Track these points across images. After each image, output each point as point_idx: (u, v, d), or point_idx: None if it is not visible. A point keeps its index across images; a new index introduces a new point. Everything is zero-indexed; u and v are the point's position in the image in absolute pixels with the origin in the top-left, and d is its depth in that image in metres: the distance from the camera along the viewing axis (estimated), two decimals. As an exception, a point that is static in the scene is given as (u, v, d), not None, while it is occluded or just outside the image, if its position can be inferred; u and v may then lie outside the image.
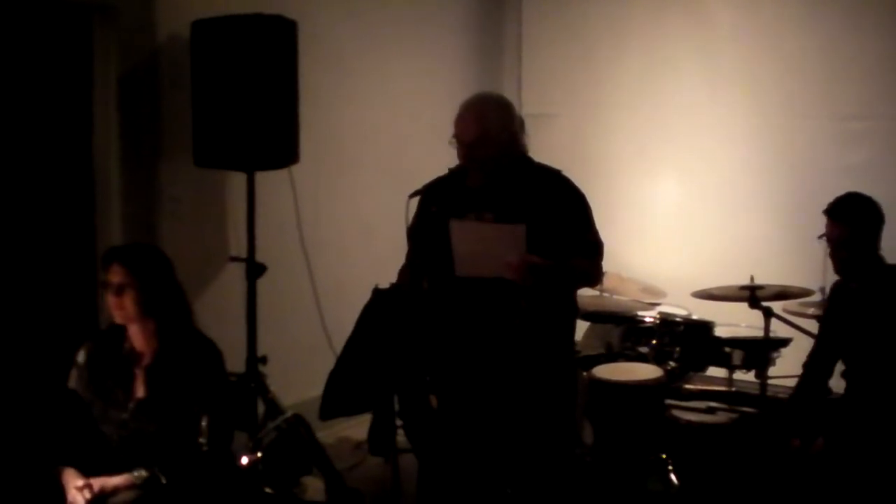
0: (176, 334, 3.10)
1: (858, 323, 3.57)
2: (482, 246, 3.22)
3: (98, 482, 2.97)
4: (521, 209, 3.27)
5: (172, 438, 3.03)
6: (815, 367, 3.73)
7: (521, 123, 3.36)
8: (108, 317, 3.15)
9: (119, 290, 3.03)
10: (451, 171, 3.40)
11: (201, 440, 2.94)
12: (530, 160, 3.39)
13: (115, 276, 3.04)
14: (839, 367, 3.71)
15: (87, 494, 2.94)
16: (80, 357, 3.14)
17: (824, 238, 3.57)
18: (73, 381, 3.14)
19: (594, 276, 3.48)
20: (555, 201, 3.31)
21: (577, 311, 3.52)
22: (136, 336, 3.11)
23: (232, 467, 3.13)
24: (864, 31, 5.20)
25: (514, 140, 3.32)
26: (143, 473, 2.97)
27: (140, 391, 3.08)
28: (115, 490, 2.98)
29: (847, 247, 3.51)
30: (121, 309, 3.05)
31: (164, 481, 2.96)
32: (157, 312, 3.07)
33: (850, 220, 3.52)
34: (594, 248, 3.37)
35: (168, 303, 3.10)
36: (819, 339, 3.79)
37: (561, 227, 3.28)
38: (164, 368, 3.07)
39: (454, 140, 3.29)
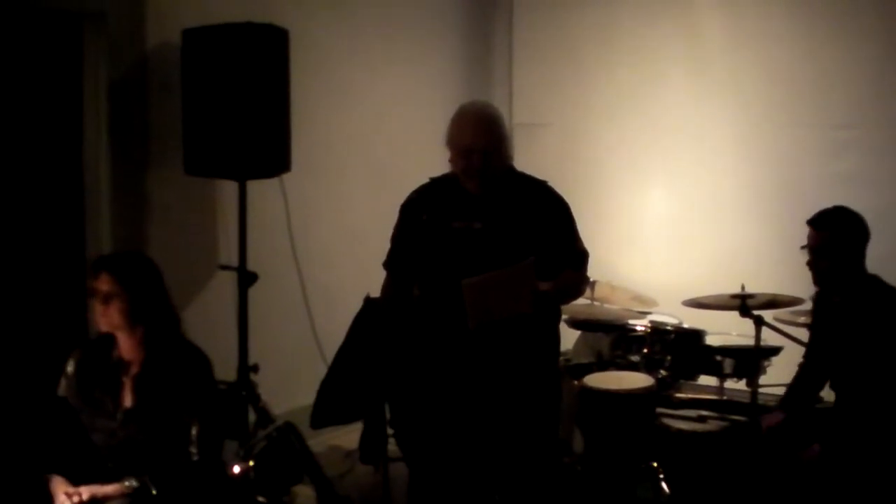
0: (163, 343, 3.09)
1: (842, 337, 3.57)
2: (496, 293, 3.24)
3: (88, 490, 2.96)
4: (513, 218, 3.29)
5: (162, 447, 3.02)
6: (809, 367, 3.76)
7: None
8: (97, 324, 3.13)
9: (106, 300, 3.03)
10: (440, 179, 3.41)
11: (191, 449, 2.92)
12: (513, 169, 3.42)
13: (103, 284, 3.04)
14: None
15: (76, 500, 2.92)
16: (70, 366, 3.13)
17: (806, 248, 3.57)
18: (62, 390, 3.13)
19: (583, 287, 3.58)
20: (543, 211, 3.34)
21: (560, 315, 3.55)
22: (125, 345, 3.10)
23: (223, 476, 3.12)
24: (850, 40, 5.22)
25: (510, 149, 3.38)
26: (133, 483, 2.96)
27: (128, 400, 3.07)
28: (105, 498, 2.96)
29: (826, 255, 3.50)
30: (106, 317, 3.05)
31: (154, 492, 2.94)
32: (144, 321, 3.06)
33: (829, 226, 3.52)
34: (581, 258, 3.42)
35: (156, 312, 3.08)
36: (809, 346, 3.81)
37: (549, 237, 3.31)
38: (152, 377, 3.06)
39: (459, 148, 3.29)
